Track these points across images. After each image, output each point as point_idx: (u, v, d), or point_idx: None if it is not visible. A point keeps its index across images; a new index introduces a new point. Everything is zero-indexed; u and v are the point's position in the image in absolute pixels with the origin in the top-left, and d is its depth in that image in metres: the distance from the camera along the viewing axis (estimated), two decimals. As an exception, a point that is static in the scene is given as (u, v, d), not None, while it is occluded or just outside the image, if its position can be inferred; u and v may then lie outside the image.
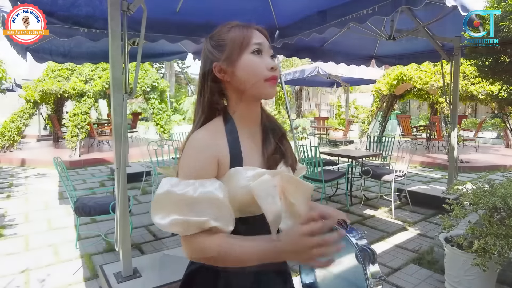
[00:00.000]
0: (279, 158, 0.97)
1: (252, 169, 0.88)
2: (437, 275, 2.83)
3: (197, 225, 0.80)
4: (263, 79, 0.90)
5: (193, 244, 0.83)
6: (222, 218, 0.82)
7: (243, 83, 0.91)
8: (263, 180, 0.85)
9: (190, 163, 0.85)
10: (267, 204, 0.84)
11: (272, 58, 0.95)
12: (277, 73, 0.92)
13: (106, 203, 3.16)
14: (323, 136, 12.95)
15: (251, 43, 0.91)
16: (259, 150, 0.96)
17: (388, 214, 4.44)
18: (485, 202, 2.13)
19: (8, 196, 5.34)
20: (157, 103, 9.44)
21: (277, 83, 0.95)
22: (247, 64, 0.90)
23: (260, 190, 0.84)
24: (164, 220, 0.81)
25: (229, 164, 0.87)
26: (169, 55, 5.39)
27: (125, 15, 2.37)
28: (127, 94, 2.38)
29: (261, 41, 0.93)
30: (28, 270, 2.94)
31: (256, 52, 0.91)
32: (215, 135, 0.89)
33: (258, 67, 0.90)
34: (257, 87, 0.91)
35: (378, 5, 2.84)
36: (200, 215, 0.79)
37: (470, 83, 7.78)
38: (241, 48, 0.91)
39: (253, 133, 0.97)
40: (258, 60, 0.91)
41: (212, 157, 0.85)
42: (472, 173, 7.14)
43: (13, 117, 8.86)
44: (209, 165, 0.85)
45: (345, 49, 5.17)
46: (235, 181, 0.86)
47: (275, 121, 1.05)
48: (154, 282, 2.38)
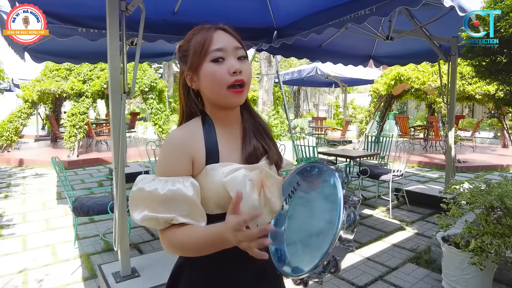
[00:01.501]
0: (260, 155, 0.96)
1: (228, 164, 0.89)
2: (434, 274, 2.84)
3: (166, 221, 0.84)
4: (225, 86, 0.87)
5: (165, 237, 0.87)
6: (191, 215, 0.84)
7: (208, 93, 0.92)
8: (236, 175, 0.87)
9: (164, 161, 0.88)
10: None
11: (241, 59, 0.91)
12: (243, 76, 0.89)
13: (104, 203, 3.16)
14: (321, 136, 12.97)
15: (209, 51, 0.88)
16: (239, 147, 0.96)
17: (386, 213, 4.46)
18: (481, 201, 2.15)
19: (6, 196, 5.33)
20: (155, 103, 9.43)
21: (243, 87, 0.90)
22: (206, 74, 0.89)
23: (233, 184, 0.85)
24: (138, 215, 0.85)
25: (205, 161, 0.89)
26: (167, 55, 5.40)
27: (123, 15, 2.37)
28: (126, 94, 2.38)
29: (222, 45, 0.89)
30: (26, 270, 2.94)
31: (216, 60, 0.88)
32: (191, 133, 0.91)
33: (218, 76, 0.87)
34: (220, 96, 0.89)
35: (376, 6, 2.85)
36: (168, 212, 0.83)
37: (467, 83, 7.82)
38: (200, 58, 0.89)
39: (233, 131, 0.98)
40: (217, 68, 0.88)
41: (185, 155, 0.87)
42: (469, 173, 7.17)
43: (11, 117, 8.83)
44: (182, 163, 0.87)
45: (343, 49, 5.18)
46: (211, 177, 0.87)
47: (259, 121, 1.04)
48: (152, 282, 2.38)
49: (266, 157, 0.97)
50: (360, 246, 3.43)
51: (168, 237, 0.86)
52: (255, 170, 0.91)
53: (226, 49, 0.89)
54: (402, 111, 18.22)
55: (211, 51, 0.88)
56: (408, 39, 4.44)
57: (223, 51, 0.89)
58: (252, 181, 0.89)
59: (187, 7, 3.47)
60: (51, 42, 3.86)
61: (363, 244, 3.49)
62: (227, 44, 0.90)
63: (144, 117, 16.70)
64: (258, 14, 3.85)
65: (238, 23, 0.87)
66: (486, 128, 12.40)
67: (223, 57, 0.88)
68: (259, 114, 1.07)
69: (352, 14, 3.07)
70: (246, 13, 3.77)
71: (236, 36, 0.93)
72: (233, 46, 0.90)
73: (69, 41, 3.36)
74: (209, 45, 0.88)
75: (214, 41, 0.89)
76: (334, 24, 3.30)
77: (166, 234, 0.86)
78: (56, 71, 8.95)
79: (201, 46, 0.89)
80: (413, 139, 10.18)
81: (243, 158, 0.94)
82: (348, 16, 3.12)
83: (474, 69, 3.12)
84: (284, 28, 4.08)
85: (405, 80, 8.59)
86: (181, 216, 0.83)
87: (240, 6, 3.64)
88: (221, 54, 0.88)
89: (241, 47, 0.92)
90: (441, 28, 4.12)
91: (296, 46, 4.50)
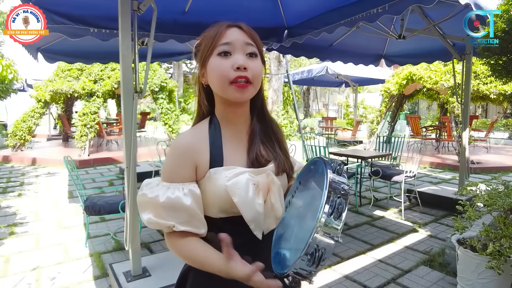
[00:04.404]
0: (265, 162, 0.93)
1: (232, 168, 0.88)
2: (449, 277, 2.78)
3: (168, 227, 0.86)
4: (228, 81, 0.86)
5: (169, 241, 0.89)
6: (191, 223, 0.85)
7: (214, 87, 0.91)
8: (240, 179, 0.85)
9: (168, 166, 0.89)
10: (243, 203, 0.84)
11: (251, 56, 0.88)
12: (248, 73, 0.86)
13: (115, 202, 3.18)
14: (331, 136, 12.88)
15: (217, 45, 0.87)
16: (245, 150, 0.94)
17: (398, 215, 4.39)
18: (500, 203, 2.08)
19: (19, 194, 5.42)
20: (165, 103, 9.48)
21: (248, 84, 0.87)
22: (212, 67, 0.88)
23: (236, 189, 0.84)
24: (144, 217, 0.87)
25: (209, 165, 0.88)
26: (177, 55, 5.40)
27: (135, 15, 2.37)
28: (137, 94, 2.39)
29: (231, 40, 0.87)
30: (39, 268, 2.98)
31: (223, 53, 0.87)
32: (196, 137, 0.91)
33: (221, 70, 0.86)
34: (223, 90, 0.87)
35: (389, 4, 2.80)
36: (168, 219, 0.84)
37: (482, 83, 7.65)
38: (208, 51, 0.88)
39: (239, 132, 0.95)
40: (222, 61, 0.86)
41: (188, 161, 0.87)
42: (483, 174, 7.02)
43: (24, 116, 8.98)
44: (184, 169, 0.87)
45: (354, 49, 5.12)
46: (214, 181, 0.86)
47: (272, 126, 1.01)
48: (163, 282, 2.38)
49: (274, 166, 0.94)
50: (372, 248, 3.38)
51: (172, 243, 0.89)
52: (261, 174, 0.89)
53: (234, 43, 0.87)
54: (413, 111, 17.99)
55: (218, 45, 0.87)
56: (420, 37, 4.36)
57: (230, 45, 0.87)
58: (257, 185, 0.87)
59: (197, 6, 3.46)
60: (63, 42, 3.90)
61: (375, 246, 3.44)
62: (236, 39, 0.88)
63: (154, 117, 16.83)
64: (268, 13, 3.83)
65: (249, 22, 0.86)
66: (501, 129, 12.15)
67: (229, 51, 0.87)
68: (273, 119, 1.03)
69: (364, 12, 3.03)
70: (256, 12, 3.76)
71: (250, 33, 0.91)
72: (243, 42, 0.88)
73: (80, 42, 3.38)
74: (219, 39, 0.88)
75: (224, 35, 0.88)
76: (345, 23, 3.26)
77: (170, 239, 0.89)
78: (68, 71, 9.07)
79: (211, 39, 0.88)
80: (425, 140, 10.02)
81: (248, 162, 0.92)
82: (360, 15, 3.07)
83: (491, 68, 3.04)
84: (295, 27, 4.05)
85: (417, 79, 8.45)
86: (180, 224, 0.85)
87: (250, 6, 3.63)
88: (228, 48, 0.87)
89: (253, 44, 0.90)
90: (455, 27, 4.03)
91: (307, 46, 4.46)
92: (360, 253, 3.28)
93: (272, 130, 1.00)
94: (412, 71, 8.50)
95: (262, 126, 0.99)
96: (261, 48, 0.93)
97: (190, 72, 22.06)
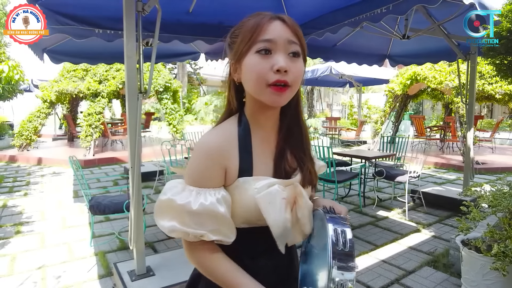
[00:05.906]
0: (293, 169, 0.89)
1: (262, 179, 0.82)
2: (453, 278, 2.77)
3: (196, 236, 0.80)
4: (265, 84, 0.77)
5: (190, 251, 0.84)
6: (221, 232, 0.80)
7: (248, 87, 0.83)
8: (270, 192, 0.81)
9: (196, 169, 0.81)
10: (272, 217, 0.80)
11: (294, 55, 0.80)
12: (288, 76, 0.78)
13: (120, 202, 3.20)
14: (335, 136, 12.85)
15: (257, 41, 0.78)
16: (272, 156, 0.89)
17: (402, 215, 4.37)
18: (505, 204, 2.07)
19: (25, 194, 5.47)
20: (170, 103, 9.53)
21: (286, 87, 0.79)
22: (248, 66, 0.79)
23: (266, 203, 0.80)
24: (165, 224, 0.81)
25: (238, 173, 0.82)
26: (181, 56, 5.42)
27: (140, 16, 2.39)
28: (142, 94, 2.40)
29: (272, 36, 0.78)
30: (44, 267, 3.00)
31: (262, 51, 0.78)
32: (225, 140, 0.83)
33: (259, 70, 0.77)
34: (259, 93, 0.80)
35: (393, 4, 2.79)
36: (199, 227, 0.78)
37: (488, 83, 7.60)
38: (246, 47, 0.79)
39: (267, 137, 0.89)
40: (261, 61, 0.77)
41: (218, 165, 0.81)
42: (488, 174, 6.97)
43: (30, 116, 9.06)
44: (215, 173, 0.81)
45: (358, 49, 5.11)
46: (243, 191, 0.81)
47: (304, 131, 0.94)
48: (167, 281, 2.40)
49: (300, 176, 0.90)
50: (375, 248, 3.38)
51: (195, 255, 0.84)
52: (288, 186, 0.85)
53: (276, 41, 0.78)
54: (417, 111, 17.90)
55: (258, 41, 0.78)
56: (425, 37, 4.35)
57: (272, 43, 0.78)
58: (287, 200, 0.83)
59: (201, 7, 3.48)
60: (68, 43, 3.93)
61: (378, 246, 3.43)
62: (279, 36, 0.78)
63: (159, 117, 16.89)
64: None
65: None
66: (506, 129, 12.06)
67: (270, 49, 0.78)
68: (306, 124, 0.96)
69: (368, 12, 3.02)
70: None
71: (294, 29, 0.81)
72: (286, 39, 0.79)
73: (86, 42, 3.41)
74: (259, 34, 0.78)
75: (265, 30, 0.78)
76: (349, 23, 3.26)
77: (194, 250, 0.84)
78: (73, 71, 9.15)
79: (250, 33, 0.79)
80: (429, 140, 9.97)
81: (275, 171, 0.87)
82: (364, 15, 3.07)
83: (496, 68, 3.03)
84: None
85: (421, 79, 8.42)
86: (211, 233, 0.79)
87: (254, 6, 3.63)
88: (269, 45, 0.78)
89: (296, 42, 0.80)
90: (459, 26, 4.00)
91: (310, 46, 4.46)
92: (364, 253, 3.28)
93: (303, 137, 0.93)
94: (417, 71, 8.47)
95: (293, 131, 0.91)
96: (304, 46, 0.83)
97: (194, 73, 22.13)
